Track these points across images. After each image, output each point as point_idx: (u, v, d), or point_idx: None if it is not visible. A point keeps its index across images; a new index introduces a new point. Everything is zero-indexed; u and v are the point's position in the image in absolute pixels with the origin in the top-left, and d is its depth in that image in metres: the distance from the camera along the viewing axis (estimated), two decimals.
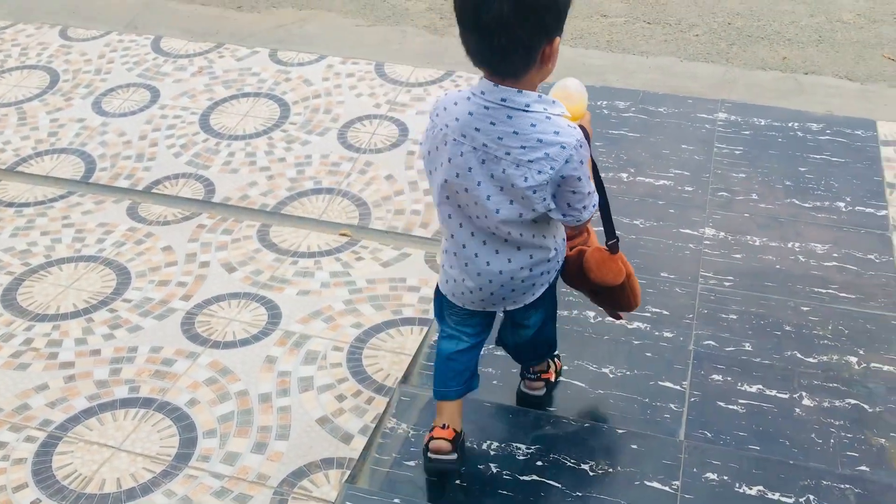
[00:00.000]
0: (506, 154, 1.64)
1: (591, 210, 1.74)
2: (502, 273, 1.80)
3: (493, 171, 1.66)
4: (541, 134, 1.61)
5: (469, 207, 1.73)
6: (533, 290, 1.86)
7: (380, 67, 3.75)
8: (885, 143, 3.14)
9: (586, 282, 1.93)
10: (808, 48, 3.68)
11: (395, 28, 4.02)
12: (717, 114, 3.35)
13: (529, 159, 1.63)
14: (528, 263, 1.79)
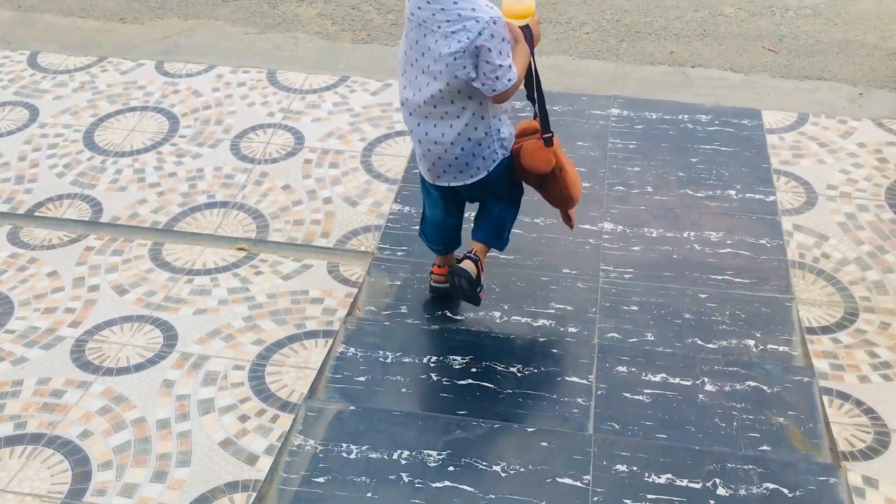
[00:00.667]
0: (437, 28, 2.08)
1: (504, 82, 2.09)
2: (438, 144, 2.22)
3: (429, 44, 2.09)
4: (460, 10, 2.05)
5: (417, 80, 2.17)
6: (470, 168, 2.26)
7: (272, 75, 3.66)
8: (770, 132, 3.25)
9: (526, 174, 2.30)
10: (693, 42, 3.79)
11: (286, 35, 3.94)
12: (610, 109, 3.40)
13: (452, 31, 2.06)
14: (464, 140, 2.20)
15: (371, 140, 3.29)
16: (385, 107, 3.46)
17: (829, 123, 3.27)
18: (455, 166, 2.26)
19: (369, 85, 3.59)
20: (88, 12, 4.11)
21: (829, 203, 2.91)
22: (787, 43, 3.76)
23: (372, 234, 2.85)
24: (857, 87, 3.46)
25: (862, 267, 2.66)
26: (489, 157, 2.26)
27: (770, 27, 3.88)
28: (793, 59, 3.65)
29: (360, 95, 3.53)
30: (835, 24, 3.88)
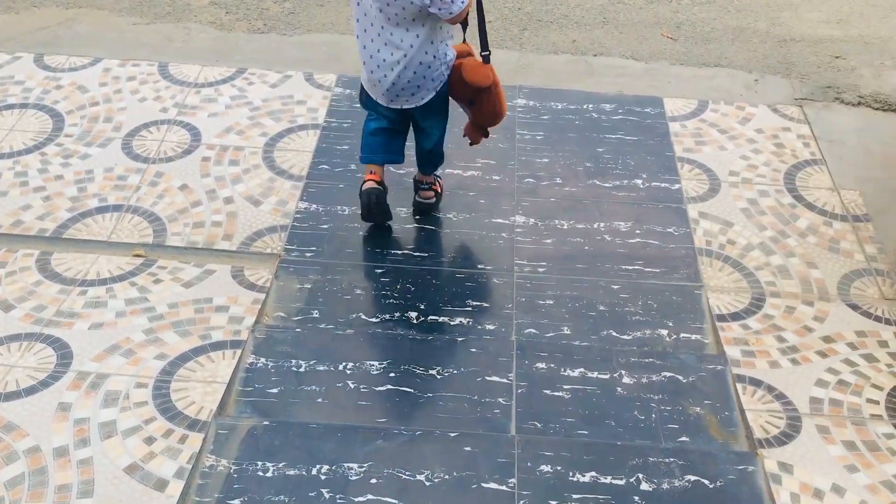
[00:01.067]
0: None
1: (459, 4, 2.31)
2: (392, 69, 2.43)
3: None
4: None
5: (371, 9, 2.37)
6: (421, 90, 2.49)
7: (164, 68, 3.47)
8: (672, 119, 3.29)
9: (463, 89, 2.51)
10: (594, 30, 3.80)
11: (177, 25, 3.74)
12: (517, 100, 3.38)
13: None
14: (413, 66, 2.42)
15: (272, 135, 3.16)
16: (286, 99, 3.33)
17: (728, 110, 3.35)
18: (407, 90, 2.49)
19: (268, 77, 3.44)
20: None
21: (732, 189, 2.98)
22: (684, 30, 3.83)
23: (278, 235, 2.74)
24: (753, 74, 3.55)
25: (766, 252, 2.73)
26: (437, 78, 2.50)
27: (668, 14, 3.93)
28: (691, 47, 3.72)
29: (259, 88, 3.38)
30: (728, 11, 3.97)
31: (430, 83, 2.49)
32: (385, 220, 2.76)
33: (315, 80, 3.44)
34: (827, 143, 3.19)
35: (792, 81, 3.51)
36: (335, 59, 3.58)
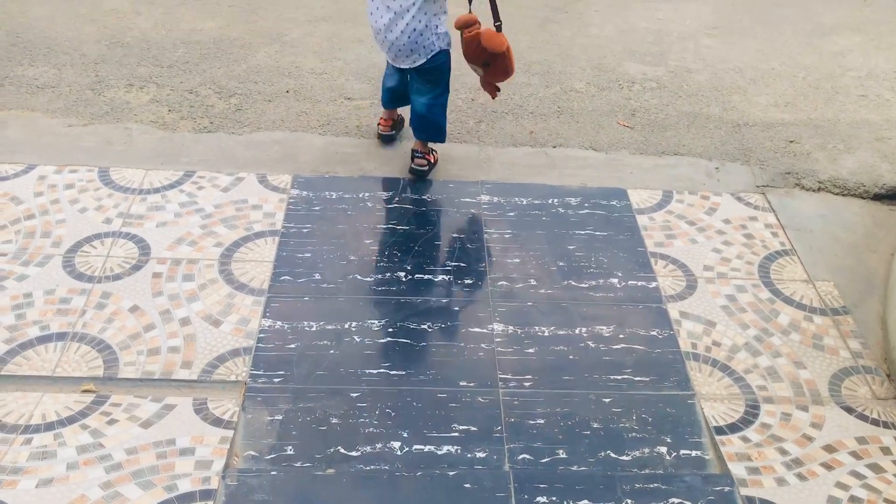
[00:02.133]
0: None
1: None
2: (391, 30, 2.98)
3: None
4: None
5: None
6: (413, 53, 3.02)
7: (105, 174, 3.26)
8: (640, 212, 3.24)
9: (481, 53, 2.97)
10: (550, 120, 3.76)
11: (116, 126, 3.54)
12: (480, 196, 3.28)
13: None
14: (405, 29, 2.95)
15: (228, 244, 2.97)
16: (240, 204, 3.15)
17: (693, 200, 3.32)
18: (403, 51, 3.03)
19: (219, 180, 3.27)
20: None
21: (709, 286, 2.92)
22: (639, 118, 3.82)
23: (242, 359, 2.54)
24: (713, 161, 3.54)
25: (752, 353, 2.65)
26: (428, 46, 3.01)
27: (621, 102, 3.93)
28: (648, 135, 3.70)
29: (210, 192, 3.20)
30: (679, 96, 3.99)
31: (421, 49, 3.02)
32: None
33: (269, 182, 3.28)
34: (794, 231, 3.18)
35: (752, 168, 3.52)
36: (289, 157, 3.43)
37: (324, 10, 4.57)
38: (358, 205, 3.21)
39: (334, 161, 3.44)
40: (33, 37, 4.10)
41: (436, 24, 2.99)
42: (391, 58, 3.11)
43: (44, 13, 4.31)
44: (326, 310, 2.73)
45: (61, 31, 4.16)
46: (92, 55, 4.01)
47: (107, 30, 4.21)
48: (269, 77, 3.94)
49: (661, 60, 4.28)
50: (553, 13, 4.68)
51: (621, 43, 4.42)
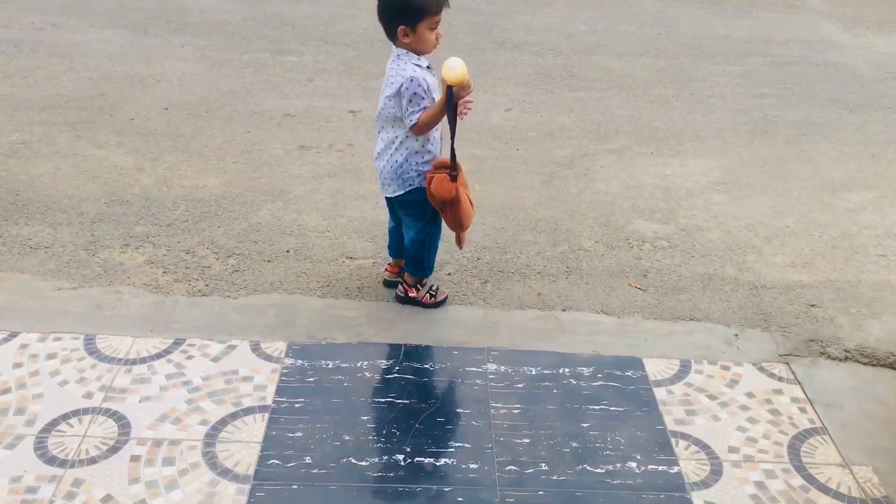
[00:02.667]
0: (386, 79, 3.01)
1: (409, 120, 2.95)
2: (377, 158, 3.16)
3: (383, 89, 3.02)
4: (396, 70, 2.96)
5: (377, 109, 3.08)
6: (393, 184, 3.14)
7: (90, 342, 3.09)
8: (657, 384, 3.04)
9: (433, 199, 3.06)
10: (559, 281, 3.62)
11: (107, 289, 3.40)
12: (486, 365, 3.09)
13: (390, 82, 2.97)
14: (389, 159, 3.10)
15: (214, 422, 2.76)
16: (229, 376, 2.97)
17: (713, 371, 3.11)
18: (385, 180, 3.17)
19: (209, 348, 3.10)
20: None
21: (735, 470, 2.67)
22: (652, 279, 3.68)
23: None
24: (731, 328, 3.36)
25: None
26: (406, 180, 3.12)
27: (631, 261, 3.80)
28: (661, 298, 3.54)
29: (199, 362, 3.02)
30: (692, 256, 3.86)
31: (400, 180, 3.13)
32: None
33: (262, 350, 3.10)
34: (823, 406, 2.96)
35: (773, 335, 3.33)
36: (286, 323, 3.27)
37: (329, 166, 4.54)
38: (356, 375, 3.02)
39: (333, 326, 3.27)
40: (33, 195, 4.05)
41: (416, 161, 3.09)
42: (379, 186, 3.25)
43: (46, 170, 4.29)
44: (317, 500, 2.49)
45: (62, 189, 4.12)
46: (90, 213, 3.94)
47: (108, 187, 4.17)
48: (269, 236, 3.85)
49: (670, 218, 4.19)
50: (559, 169, 4.64)
51: (629, 199, 4.35)
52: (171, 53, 6.02)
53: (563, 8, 7.62)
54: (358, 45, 6.43)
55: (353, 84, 5.66)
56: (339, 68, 5.92)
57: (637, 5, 7.83)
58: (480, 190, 4.35)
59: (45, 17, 6.45)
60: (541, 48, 6.58)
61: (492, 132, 5.06)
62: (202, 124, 4.95)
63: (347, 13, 7.14)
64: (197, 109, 5.13)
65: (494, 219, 4.10)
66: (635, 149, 4.94)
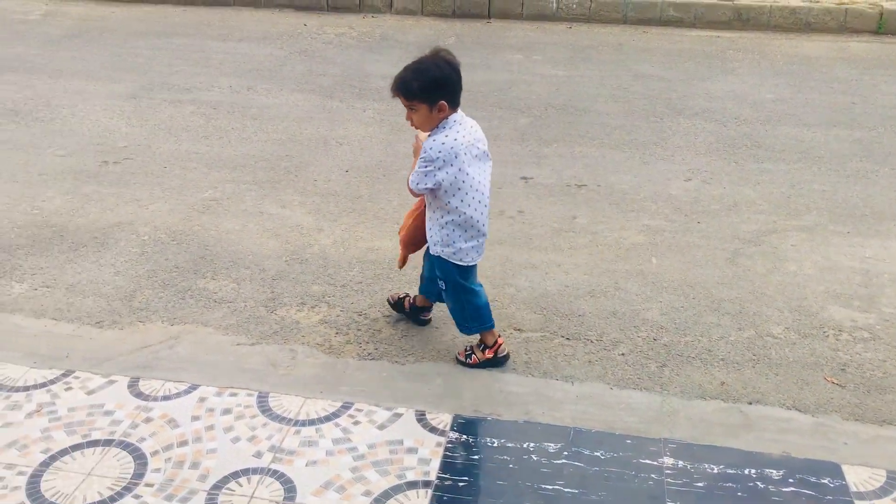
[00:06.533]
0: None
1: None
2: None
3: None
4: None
5: None
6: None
7: (263, 400, 3.15)
8: (859, 496, 2.70)
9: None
10: (745, 370, 3.34)
11: (282, 347, 3.48)
12: (663, 458, 2.87)
13: None
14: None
15: (377, 494, 2.71)
16: (395, 446, 2.92)
17: None
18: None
19: (376, 415, 3.07)
20: (63, 313, 3.68)
21: None
22: (851, 374, 3.32)
23: None
24: None
25: None
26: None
27: (827, 353, 3.46)
28: (863, 397, 3.19)
29: (365, 429, 3.00)
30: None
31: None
32: None
33: (428, 421, 3.04)
34: None
35: None
36: (452, 394, 3.21)
37: (499, 232, 4.49)
38: (521, 457, 2.89)
39: (498, 400, 3.17)
40: (220, 250, 4.26)
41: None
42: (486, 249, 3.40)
43: (234, 227, 4.51)
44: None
45: (246, 246, 4.31)
46: (271, 270, 4.08)
47: (289, 245, 4.32)
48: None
49: (871, 306, 3.80)
50: (744, 245, 4.36)
51: (823, 283, 3.99)
52: (354, 117, 6.25)
53: (747, 75, 7.30)
54: (531, 111, 6.42)
55: (526, 150, 5.64)
56: (513, 134, 5.92)
57: (828, 72, 7.39)
58: (657, 264, 4.15)
59: (242, 80, 6.90)
60: (723, 116, 6.30)
61: (670, 203, 4.85)
62: (379, 187, 5.06)
63: (522, 79, 7.18)
64: (375, 172, 5.27)
65: (673, 297, 3.88)
66: (830, 227, 4.57)
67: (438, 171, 3.02)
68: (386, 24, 8.95)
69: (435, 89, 2.97)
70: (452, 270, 3.21)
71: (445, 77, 2.99)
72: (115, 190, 4.89)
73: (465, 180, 3.07)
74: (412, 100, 3.00)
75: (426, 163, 3.03)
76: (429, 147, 3.03)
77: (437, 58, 3.02)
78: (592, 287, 3.96)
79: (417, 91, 2.97)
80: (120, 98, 6.46)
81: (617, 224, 4.60)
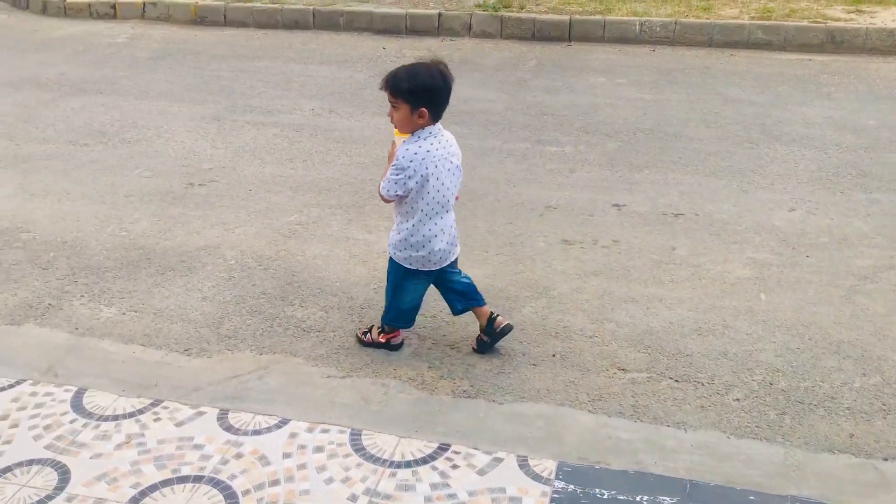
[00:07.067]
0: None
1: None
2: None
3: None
4: None
5: None
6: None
7: (356, 438, 3.00)
8: None
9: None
10: (875, 421, 3.07)
11: (374, 381, 3.34)
12: None
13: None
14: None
15: None
16: (496, 494, 2.73)
17: None
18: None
19: (475, 458, 2.89)
20: (151, 340, 3.60)
21: None
22: None
23: None
24: None
25: None
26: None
27: None
28: None
29: (464, 474, 2.82)
30: None
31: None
32: None
33: (531, 468, 2.85)
34: None
35: None
36: (554, 437, 3.01)
37: (594, 263, 4.29)
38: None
39: (606, 447, 2.96)
40: (307, 276, 4.15)
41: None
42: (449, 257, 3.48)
43: (320, 252, 4.41)
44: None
45: (333, 272, 4.20)
46: (359, 299, 3.95)
47: (376, 272, 4.19)
48: (534, 336, 3.64)
49: None
50: (860, 282, 4.07)
51: None
52: None
53: (845, 100, 6.96)
54: (619, 135, 6.21)
55: (617, 176, 5.43)
56: (602, 159, 5.72)
57: None
58: (767, 301, 3.89)
59: (323, 103, 6.86)
60: (822, 143, 5.99)
61: (775, 234, 4.58)
62: (465, 213, 4.91)
63: (607, 103, 6.98)
64: (461, 198, 5.12)
65: (787, 337, 3.61)
66: None
67: (409, 179, 3.12)
68: (465, 47, 8.86)
69: (421, 95, 3.07)
70: (399, 272, 3.36)
71: (435, 87, 3.09)
72: (201, 212, 4.86)
73: (429, 191, 3.16)
74: (397, 97, 3.10)
75: (397, 170, 3.13)
76: (401, 155, 3.13)
77: (433, 67, 3.13)
78: (699, 324, 3.72)
79: (405, 91, 3.07)
80: (204, 120, 6.48)
81: (719, 256, 4.35)
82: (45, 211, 4.87)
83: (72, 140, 6.06)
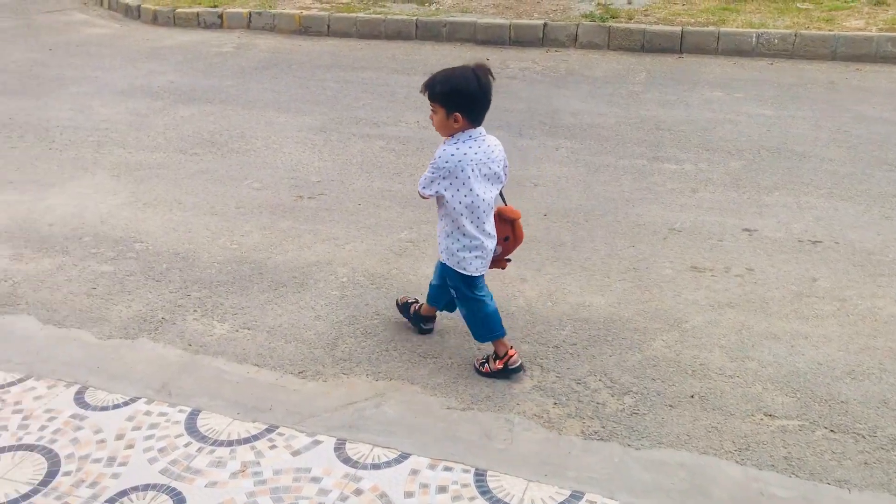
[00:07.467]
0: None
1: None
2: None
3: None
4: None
5: None
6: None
7: (481, 479, 2.79)
8: None
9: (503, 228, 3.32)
10: None
11: (497, 416, 3.12)
12: None
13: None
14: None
15: None
16: None
17: None
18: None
19: None
20: (265, 360, 3.48)
21: None
22: None
23: None
24: None
25: None
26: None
27: None
28: None
29: None
30: None
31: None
32: None
33: None
34: None
35: None
36: (698, 491, 2.73)
37: (728, 293, 3.98)
38: None
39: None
40: (420, 297, 3.97)
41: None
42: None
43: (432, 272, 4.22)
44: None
45: None
46: None
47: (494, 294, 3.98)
48: (668, 374, 3.36)
49: None
50: None
51: None
52: (547, 156, 5.91)
53: None
54: (743, 153, 5.86)
55: (744, 198, 5.08)
56: (726, 179, 5.38)
57: None
58: None
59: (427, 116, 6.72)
60: None
61: None
62: (582, 234, 4.67)
63: (726, 118, 6.62)
64: (576, 217, 4.88)
65: None
66: None
67: (443, 179, 3.10)
68: (571, 58, 8.62)
69: (455, 98, 3.03)
70: (457, 279, 3.27)
71: (469, 91, 3.03)
72: (311, 226, 4.75)
73: (466, 195, 3.11)
74: (433, 101, 3.10)
75: (433, 169, 3.12)
76: (438, 155, 3.11)
77: (470, 70, 3.07)
78: (851, 367, 3.38)
79: (438, 94, 3.06)
80: (310, 131, 6.42)
81: (867, 290, 3.98)
82: (158, 221, 4.85)
83: (182, 149, 6.08)
